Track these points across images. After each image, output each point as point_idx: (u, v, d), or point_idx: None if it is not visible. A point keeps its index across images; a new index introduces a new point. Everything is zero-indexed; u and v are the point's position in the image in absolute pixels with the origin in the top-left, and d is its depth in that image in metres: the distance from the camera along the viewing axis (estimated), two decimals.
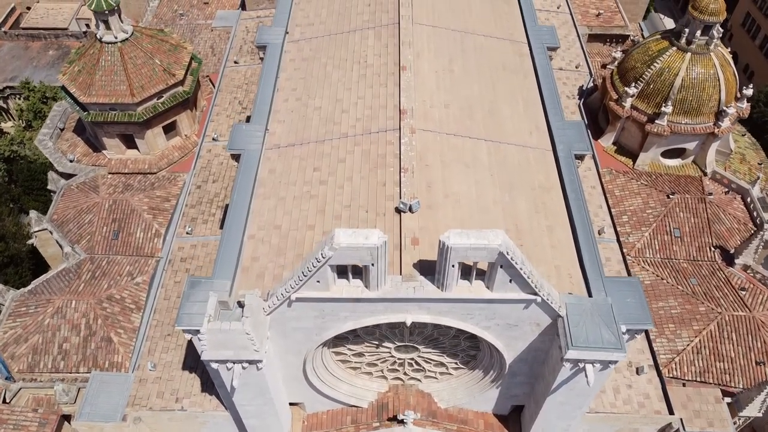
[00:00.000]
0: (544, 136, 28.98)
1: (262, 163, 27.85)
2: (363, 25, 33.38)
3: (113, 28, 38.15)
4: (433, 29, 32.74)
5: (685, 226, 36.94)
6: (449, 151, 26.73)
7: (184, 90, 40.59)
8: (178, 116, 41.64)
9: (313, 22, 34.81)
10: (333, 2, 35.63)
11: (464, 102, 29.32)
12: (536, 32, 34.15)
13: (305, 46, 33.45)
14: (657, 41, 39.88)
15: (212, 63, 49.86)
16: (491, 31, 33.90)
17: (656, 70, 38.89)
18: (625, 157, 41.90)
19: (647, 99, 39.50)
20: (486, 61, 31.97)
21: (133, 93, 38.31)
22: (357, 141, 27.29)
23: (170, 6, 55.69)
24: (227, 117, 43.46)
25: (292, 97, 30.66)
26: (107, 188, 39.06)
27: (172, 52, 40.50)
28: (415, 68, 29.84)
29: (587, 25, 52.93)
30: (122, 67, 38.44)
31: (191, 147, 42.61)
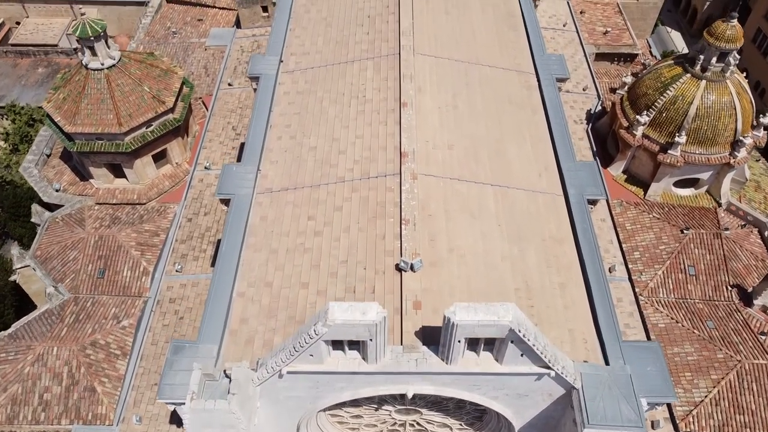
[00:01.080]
0: (554, 178, 27.17)
1: (254, 209, 26.05)
2: (361, 55, 31.58)
3: (99, 55, 36.32)
4: (436, 60, 30.94)
5: (700, 264, 35.10)
6: (453, 198, 24.93)
7: (174, 117, 38.76)
8: (169, 144, 39.82)
9: (309, 50, 33.01)
10: (330, 29, 33.83)
11: (469, 142, 27.52)
12: (545, 62, 32.34)
13: (300, 77, 31.63)
14: (670, 67, 38.04)
15: (206, 84, 47.99)
16: (497, 60, 32.09)
17: (669, 97, 37.05)
18: (635, 186, 40.08)
19: (660, 128, 37.67)
20: (492, 94, 30.16)
21: (120, 122, 36.49)
22: (355, 186, 25.48)
23: (163, 23, 53.84)
24: (220, 143, 41.69)
25: (286, 134, 28.86)
26: (93, 222, 37.23)
27: (161, 78, 38.66)
28: (416, 104, 28.05)
29: (594, 44, 51.08)
30: (109, 95, 36.62)
31: (182, 175, 40.79)
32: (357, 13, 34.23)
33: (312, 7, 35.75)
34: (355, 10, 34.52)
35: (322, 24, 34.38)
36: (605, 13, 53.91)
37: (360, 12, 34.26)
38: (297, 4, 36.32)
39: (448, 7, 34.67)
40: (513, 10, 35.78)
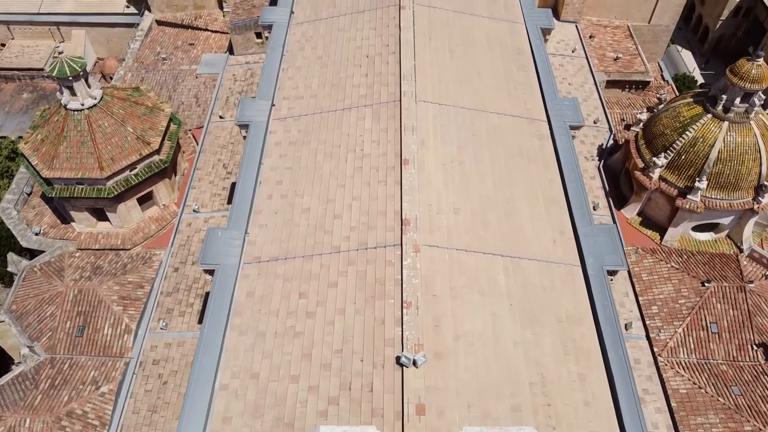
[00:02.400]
0: (569, 244, 24.77)
1: (240, 282, 23.68)
2: (359, 101, 29.20)
3: (79, 95, 33.93)
4: (440, 108, 28.56)
5: (723, 320, 32.69)
6: (460, 273, 22.54)
7: (160, 159, 36.38)
8: (155, 186, 37.45)
9: (303, 94, 30.63)
10: (326, 70, 31.45)
11: (476, 203, 25.13)
12: (557, 108, 29.96)
13: (293, 125, 29.26)
14: (689, 106, 35.61)
15: (196, 115, 45.59)
16: (505, 106, 29.70)
17: (689, 139, 34.64)
18: (651, 230, 37.68)
19: (678, 171, 35.26)
20: (500, 146, 27.77)
21: (102, 167, 34.12)
22: (351, 258, 23.10)
23: (152, 48, 51.49)
24: (210, 183, 39.29)
25: (277, 193, 26.48)
26: (73, 272, 34.83)
27: (147, 116, 36.28)
28: (419, 161, 25.68)
29: (605, 71, 48.68)
30: (90, 138, 34.24)
31: (170, 218, 38.42)
32: (355, 52, 31.86)
33: (306, 44, 33.38)
34: (353, 48, 32.15)
35: (318, 63, 32.01)
36: (615, 37, 51.53)
37: (358, 50, 31.89)
38: (291, 40, 33.96)
39: (452, 44, 32.30)
40: (522, 46, 33.40)
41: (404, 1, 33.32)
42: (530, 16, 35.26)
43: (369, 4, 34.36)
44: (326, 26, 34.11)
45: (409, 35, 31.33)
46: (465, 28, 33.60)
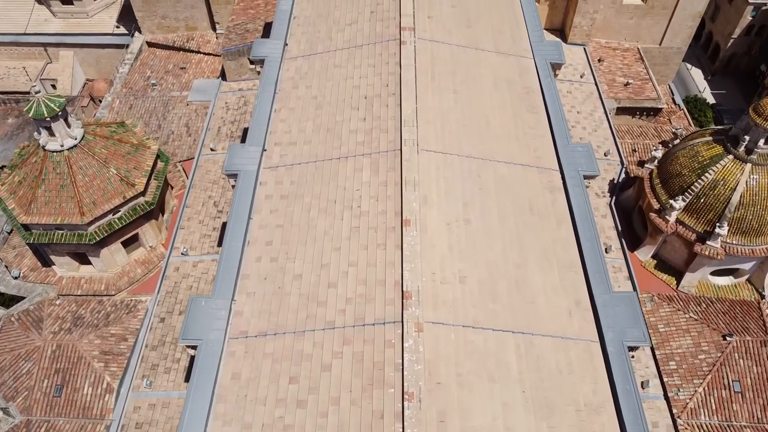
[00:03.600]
0: (586, 316, 22.61)
1: (225, 361, 21.53)
2: (356, 148, 27.06)
3: (58, 135, 31.80)
4: (443, 157, 26.42)
5: (746, 378, 30.57)
6: (467, 356, 20.41)
7: (146, 201, 34.24)
8: (141, 228, 35.32)
9: (296, 140, 28.48)
10: (321, 113, 29.31)
11: (484, 270, 22.98)
12: (570, 155, 27.81)
13: (285, 175, 27.11)
14: (708, 145, 33.45)
15: (186, 145, 43.48)
16: (514, 154, 27.56)
17: (708, 182, 32.49)
18: (667, 275, 35.53)
19: (696, 214, 33.11)
20: (509, 201, 25.62)
21: (82, 212, 31.99)
22: (347, 337, 20.96)
23: (142, 72, 49.34)
24: (200, 223, 37.20)
25: (266, 255, 24.32)
26: (53, 323, 32.70)
27: (132, 155, 34.13)
28: (421, 220, 23.55)
29: (615, 98, 46.53)
30: (70, 180, 32.11)
31: (157, 261, 36.28)
32: (352, 92, 29.73)
33: (300, 82, 31.25)
34: (350, 87, 30.02)
35: (312, 104, 29.87)
36: (625, 61, 49.40)
37: (355, 90, 29.76)
38: (284, 77, 31.82)
39: (457, 83, 30.16)
40: (531, 84, 31.25)
41: (405, 35, 31.20)
42: (539, 49, 33.11)
43: (367, 38, 32.23)
44: (322, 62, 31.97)
45: (410, 74, 29.20)
46: (470, 64, 31.47)
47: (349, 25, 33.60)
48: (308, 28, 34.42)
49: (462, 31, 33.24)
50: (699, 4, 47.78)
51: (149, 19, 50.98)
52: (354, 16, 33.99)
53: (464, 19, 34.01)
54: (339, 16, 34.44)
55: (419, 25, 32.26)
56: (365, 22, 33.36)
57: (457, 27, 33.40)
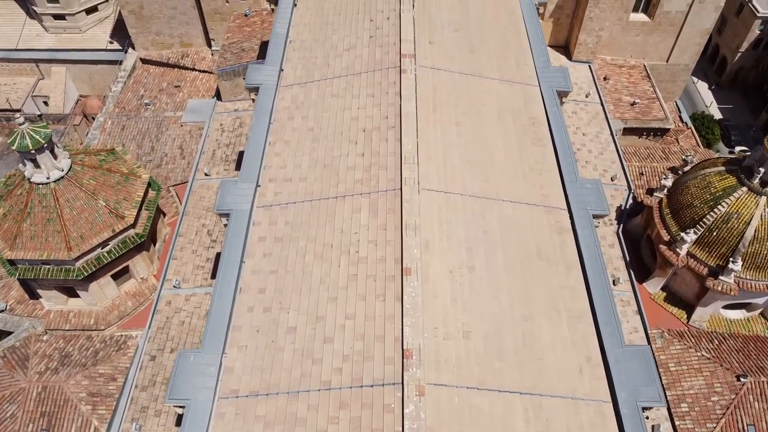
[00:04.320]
0: (598, 373, 21.32)
1: (214, 424, 20.25)
2: (354, 187, 25.77)
3: (44, 167, 30.54)
4: (446, 198, 25.14)
5: (761, 421, 29.30)
6: (472, 421, 19.14)
7: (136, 233, 32.97)
8: (132, 260, 34.06)
9: (291, 176, 27.19)
10: (317, 146, 28.03)
11: (490, 324, 21.71)
12: (578, 193, 26.51)
13: (279, 215, 25.83)
14: (721, 176, 32.16)
15: (180, 168, 42.29)
16: (520, 192, 26.27)
17: (721, 214, 31.21)
18: (677, 308, 34.27)
19: (709, 248, 31.84)
20: (515, 245, 24.33)
21: (70, 246, 30.73)
22: (343, 399, 19.69)
23: (136, 90, 48.09)
24: (193, 253, 35.92)
25: (259, 304, 23.04)
26: (39, 362, 31.45)
27: (121, 186, 32.88)
28: (422, 269, 22.26)
29: (621, 118, 45.25)
30: (56, 214, 30.85)
31: (148, 293, 35.04)
32: (350, 124, 28.45)
33: (296, 112, 29.96)
34: (348, 119, 28.74)
35: (308, 137, 28.59)
36: (632, 79, 48.11)
37: (353, 122, 28.48)
38: (279, 106, 30.55)
39: (459, 114, 28.89)
40: (537, 115, 29.96)
41: (405, 62, 29.90)
42: (545, 76, 31.81)
43: (366, 65, 30.95)
44: (319, 90, 30.69)
45: (411, 106, 27.91)
46: (473, 93, 30.19)
47: (347, 51, 32.31)
48: (305, 53, 33.13)
49: (465, 57, 31.96)
50: (707, 21, 46.49)
51: (143, 36, 49.75)
52: (352, 41, 32.70)
53: (467, 44, 32.73)
54: (337, 40, 33.15)
55: (420, 52, 30.97)
56: (364, 48, 32.07)
57: (460, 53, 32.12)
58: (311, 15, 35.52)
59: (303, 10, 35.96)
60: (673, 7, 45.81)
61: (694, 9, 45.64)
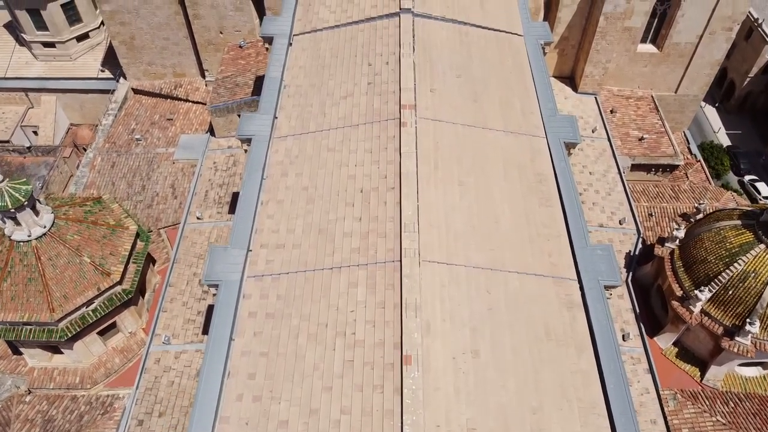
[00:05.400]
0: None
1: None
2: (351, 257, 24.23)
3: (24, 224, 29.02)
4: (448, 270, 23.60)
5: None
6: None
7: (123, 290, 31.45)
8: (119, 316, 32.55)
9: (285, 241, 25.66)
10: (312, 208, 26.49)
11: (496, 419, 20.18)
12: (589, 260, 24.98)
13: (271, 288, 24.29)
14: (736, 230, 30.65)
15: (172, 209, 40.75)
16: (527, 261, 24.73)
17: (737, 273, 29.72)
18: (690, 365, 32.78)
19: (724, 307, 30.33)
20: (522, 324, 22.80)
21: (52, 307, 29.23)
22: None
23: (127, 123, 46.56)
24: (183, 305, 34.45)
25: (249, 392, 21.51)
26: (21, 427, 29.95)
27: (108, 239, 31.37)
28: (423, 356, 20.73)
29: (629, 154, 43.77)
30: (38, 273, 29.35)
31: (137, 348, 33.54)
32: (347, 183, 26.92)
33: (290, 168, 28.44)
34: (345, 177, 27.21)
35: (303, 197, 27.05)
36: (639, 111, 46.62)
37: (350, 182, 26.94)
38: (272, 160, 29.03)
39: (462, 172, 27.35)
40: (544, 170, 28.42)
41: (405, 114, 28.39)
42: (552, 126, 30.28)
43: (364, 116, 29.43)
44: (314, 143, 29.16)
45: (411, 164, 26.37)
46: (477, 147, 28.66)
47: (344, 99, 30.77)
48: (300, 101, 31.59)
49: (468, 106, 30.42)
50: (718, 52, 45.02)
51: (135, 66, 48.24)
52: (350, 87, 31.16)
53: (470, 91, 31.19)
54: (333, 86, 31.60)
55: (421, 101, 29.43)
56: (362, 96, 30.54)
57: (463, 101, 30.58)
58: (307, 56, 33.99)
59: (298, 51, 34.44)
60: (683, 39, 44.33)
61: (705, 40, 44.16)
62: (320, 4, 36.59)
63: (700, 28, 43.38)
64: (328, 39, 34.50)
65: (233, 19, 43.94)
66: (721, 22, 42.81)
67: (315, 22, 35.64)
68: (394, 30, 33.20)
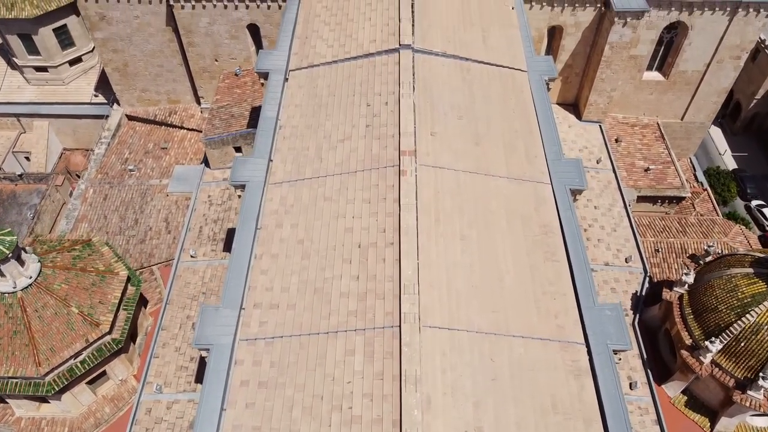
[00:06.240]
0: None
1: None
2: (348, 320, 23.17)
3: (9, 276, 27.96)
4: (450, 336, 22.53)
5: None
6: None
7: (113, 339, 30.39)
8: (109, 365, 31.48)
9: (279, 301, 24.59)
10: (308, 264, 25.42)
11: None
12: (597, 322, 23.90)
13: (265, 353, 23.22)
14: (749, 279, 29.58)
15: (166, 244, 39.75)
16: (532, 324, 23.66)
17: (750, 324, 28.65)
18: (699, 414, 31.73)
19: (736, 358, 29.24)
20: (528, 396, 21.72)
21: (38, 361, 28.18)
22: None
23: (120, 153, 45.49)
24: (176, 351, 33.37)
25: None
26: None
27: (97, 286, 30.32)
28: None
29: (634, 186, 42.69)
30: (24, 326, 28.29)
31: (128, 396, 32.50)
32: (344, 237, 25.84)
33: (285, 219, 27.36)
34: (342, 229, 26.13)
35: (298, 252, 25.97)
36: (645, 140, 45.55)
37: (348, 235, 25.87)
38: (267, 210, 27.96)
39: (464, 225, 26.26)
40: (548, 221, 27.31)
41: (405, 161, 27.32)
42: (557, 172, 29.17)
43: (362, 162, 28.36)
44: (310, 191, 28.07)
45: (411, 218, 25.30)
46: (479, 196, 27.56)
47: (341, 142, 29.69)
48: (295, 143, 30.52)
49: (470, 150, 29.33)
50: (725, 80, 43.97)
51: (128, 92, 47.21)
52: (347, 129, 30.08)
53: (472, 134, 30.09)
54: (330, 128, 30.53)
55: (421, 147, 28.35)
56: (360, 139, 29.47)
57: (465, 145, 29.48)
58: (303, 94, 32.91)
59: (294, 88, 33.36)
60: (690, 67, 43.26)
61: (712, 68, 43.11)
62: (317, 38, 35.52)
63: (707, 57, 42.31)
64: (325, 75, 33.43)
65: (228, 47, 42.86)
66: (730, 51, 41.75)
67: (312, 56, 34.56)
68: (393, 67, 32.13)
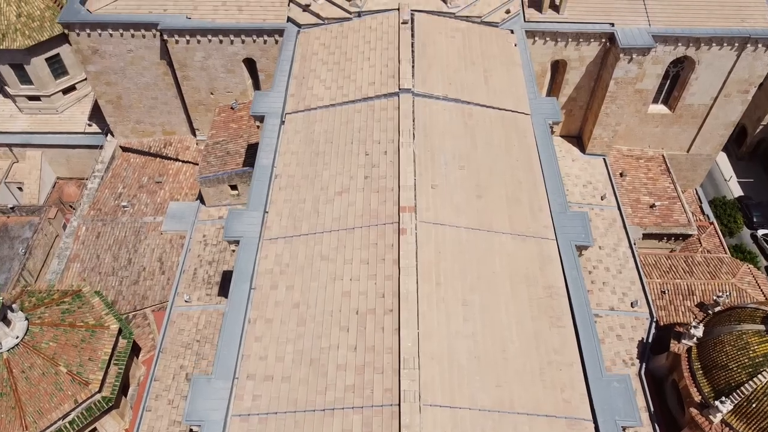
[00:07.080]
0: None
1: None
2: (345, 396, 22.23)
3: None
4: (451, 416, 21.57)
5: None
6: None
7: (103, 397, 29.42)
8: (99, 422, 30.50)
9: (273, 372, 23.63)
10: (303, 331, 24.49)
11: None
12: (605, 396, 22.97)
13: (258, 425, 22.24)
14: (760, 337, 28.61)
15: (159, 286, 38.68)
16: (538, 400, 22.70)
17: (762, 385, 27.67)
18: None
19: (747, 419, 28.23)
20: None
21: (25, 425, 27.22)
22: None
23: (113, 187, 44.46)
24: (168, 404, 32.38)
25: None
26: None
27: (86, 343, 29.36)
28: None
29: (640, 223, 41.67)
30: (10, 387, 27.35)
31: None
32: (341, 302, 24.90)
33: (281, 280, 26.39)
34: (339, 294, 25.18)
35: (294, 317, 25.01)
36: (650, 174, 44.53)
37: (345, 300, 24.92)
38: (261, 269, 27.00)
39: (466, 290, 25.31)
40: (554, 281, 26.34)
41: (405, 219, 26.37)
42: (563, 227, 28.21)
43: (361, 218, 27.42)
44: (306, 250, 27.09)
45: (411, 282, 24.36)
46: (481, 256, 26.59)
47: (339, 194, 28.73)
48: (292, 195, 29.55)
49: (472, 204, 28.35)
50: (733, 113, 42.96)
51: (122, 124, 46.18)
52: (345, 181, 29.13)
53: (474, 186, 29.11)
54: (328, 178, 29.57)
55: (421, 202, 27.40)
56: (358, 192, 28.51)
57: (466, 199, 28.51)
58: (300, 140, 31.94)
59: (291, 133, 32.39)
60: (696, 100, 42.25)
61: (720, 102, 42.10)
62: (315, 78, 34.56)
63: (714, 91, 41.30)
64: (322, 120, 32.48)
65: (224, 80, 41.88)
66: (738, 85, 40.76)
67: (309, 99, 33.60)
68: (392, 112, 31.20)
